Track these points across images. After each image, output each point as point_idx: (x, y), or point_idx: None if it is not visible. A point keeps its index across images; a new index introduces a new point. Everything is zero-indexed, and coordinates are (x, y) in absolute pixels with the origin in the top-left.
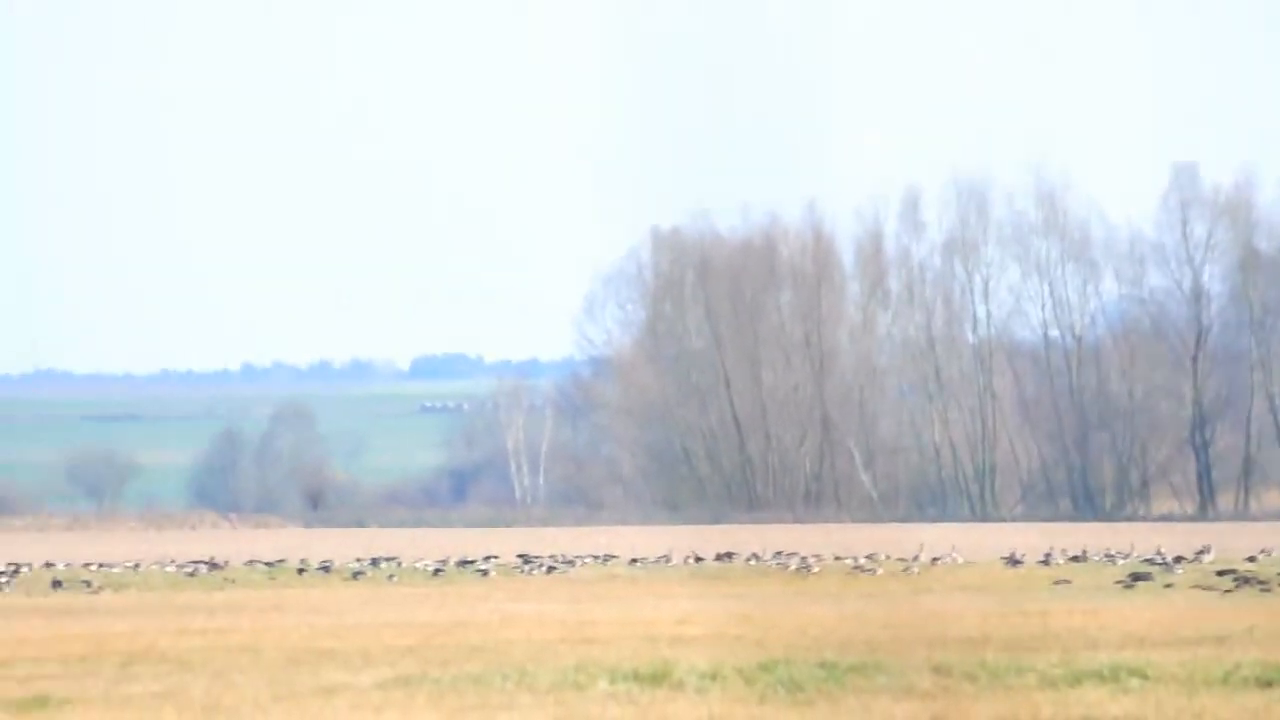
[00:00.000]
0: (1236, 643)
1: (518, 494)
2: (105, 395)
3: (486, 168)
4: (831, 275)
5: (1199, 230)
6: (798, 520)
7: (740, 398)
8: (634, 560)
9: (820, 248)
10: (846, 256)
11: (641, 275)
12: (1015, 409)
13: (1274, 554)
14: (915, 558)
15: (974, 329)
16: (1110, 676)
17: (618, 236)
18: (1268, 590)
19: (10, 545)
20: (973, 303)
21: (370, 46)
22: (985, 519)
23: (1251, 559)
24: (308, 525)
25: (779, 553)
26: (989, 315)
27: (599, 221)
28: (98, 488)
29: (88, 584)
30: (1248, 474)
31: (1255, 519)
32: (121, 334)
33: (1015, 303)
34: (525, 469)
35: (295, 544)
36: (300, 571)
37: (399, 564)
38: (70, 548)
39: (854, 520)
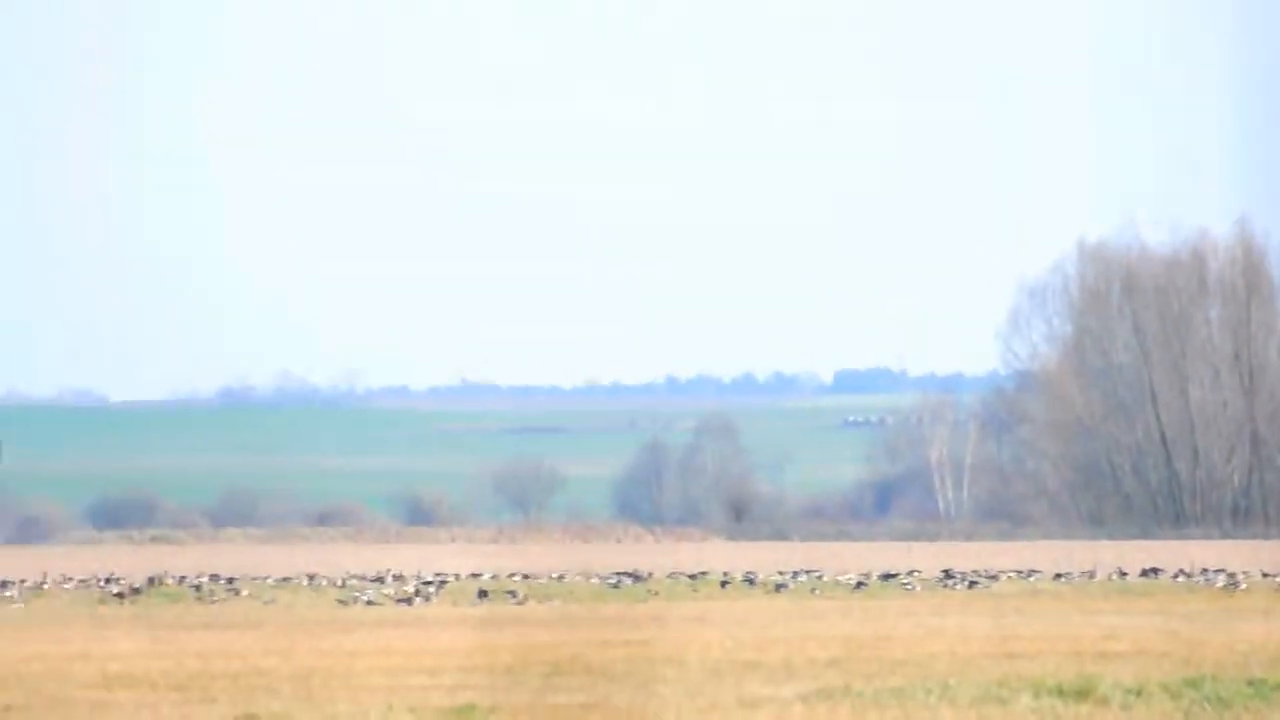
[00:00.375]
0: None
1: (941, 508)
2: (531, 408)
3: (912, 180)
4: (1261, 290)
5: None
6: (1225, 536)
7: (1167, 413)
8: (1058, 575)
9: (1250, 262)
10: (1277, 271)
11: (1067, 289)
12: None
13: None
14: None
15: None
16: None
17: (1043, 249)
18: None
19: (437, 556)
20: None
21: (807, 50)
22: None
23: None
24: (730, 537)
25: (1205, 569)
26: None
27: (1024, 234)
28: (523, 499)
29: (513, 594)
30: None
31: None
32: (548, 347)
33: None
34: (949, 483)
35: (718, 556)
36: (723, 584)
37: (821, 577)
38: (495, 559)
39: None
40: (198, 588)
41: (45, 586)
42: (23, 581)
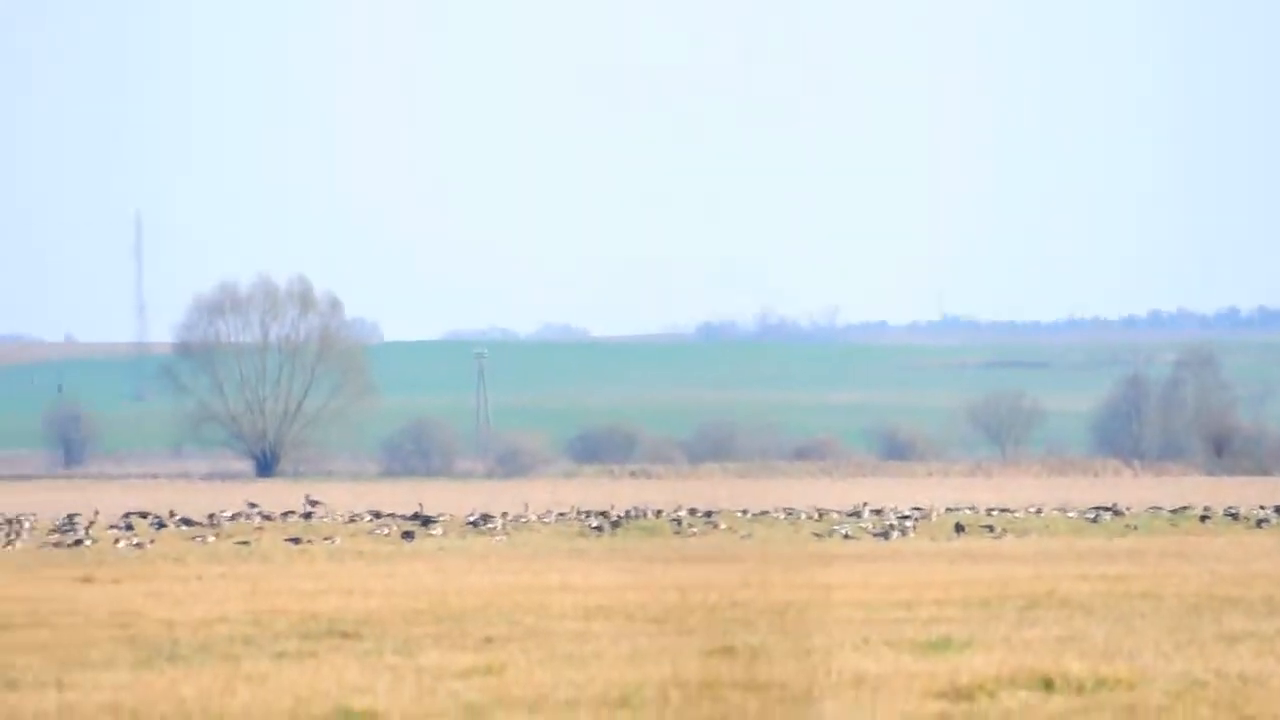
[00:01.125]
0: None
1: None
2: (1011, 342)
3: None
4: None
5: None
6: None
7: None
8: None
9: None
10: None
11: None
12: None
13: None
14: None
15: None
16: None
17: None
18: None
19: (914, 489)
20: None
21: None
22: None
23: None
24: (1210, 472)
25: None
26: None
27: None
28: (1000, 433)
29: (989, 529)
30: None
31: None
32: (1029, 281)
33: None
34: None
35: (1198, 491)
36: (1203, 519)
37: None
38: (972, 492)
39: None
40: (676, 521)
41: (526, 520)
42: (505, 515)
